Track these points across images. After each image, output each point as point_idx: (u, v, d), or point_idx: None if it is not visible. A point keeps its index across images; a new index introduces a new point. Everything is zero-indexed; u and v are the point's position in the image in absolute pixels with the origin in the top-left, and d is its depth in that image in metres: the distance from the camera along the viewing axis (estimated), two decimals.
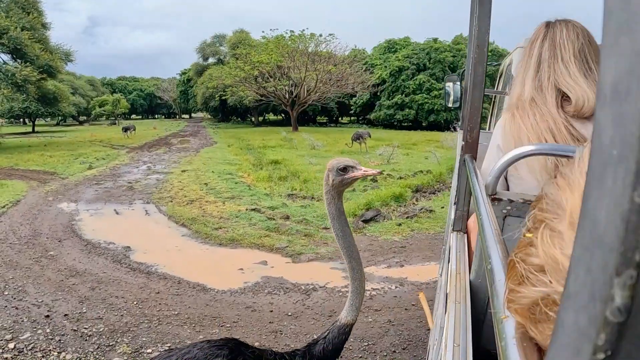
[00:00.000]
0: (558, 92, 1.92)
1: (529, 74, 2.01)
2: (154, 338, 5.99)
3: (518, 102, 2.04)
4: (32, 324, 6.31)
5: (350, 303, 2.95)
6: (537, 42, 2.04)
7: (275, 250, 9.60)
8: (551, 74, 1.93)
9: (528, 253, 0.60)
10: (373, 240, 10.23)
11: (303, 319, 6.59)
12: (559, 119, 1.87)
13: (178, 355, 2.49)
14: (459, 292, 1.55)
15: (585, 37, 1.97)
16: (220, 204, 13.73)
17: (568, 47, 1.93)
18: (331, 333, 2.91)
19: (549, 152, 1.55)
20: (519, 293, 0.59)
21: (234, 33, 76.14)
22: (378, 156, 23.91)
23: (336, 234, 2.92)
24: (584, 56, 1.92)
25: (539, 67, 1.98)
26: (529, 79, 2.01)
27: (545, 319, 0.54)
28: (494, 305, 0.71)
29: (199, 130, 59.22)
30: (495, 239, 0.89)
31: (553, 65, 1.94)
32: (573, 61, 1.91)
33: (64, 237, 10.40)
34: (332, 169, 2.77)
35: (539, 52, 2.01)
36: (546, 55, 1.97)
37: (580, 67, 1.90)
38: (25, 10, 37.51)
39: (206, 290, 7.61)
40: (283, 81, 54.05)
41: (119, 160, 25.17)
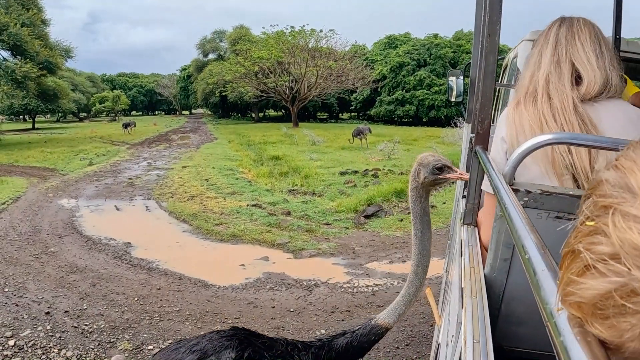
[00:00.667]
0: (573, 68, 1.95)
1: (547, 51, 2.02)
2: (155, 334, 5.95)
3: (529, 88, 2.04)
4: (33, 321, 6.27)
5: (394, 307, 2.79)
6: (554, 28, 2.05)
7: (276, 246, 9.56)
8: (569, 50, 1.96)
9: (593, 242, 0.55)
10: (375, 236, 10.19)
11: (305, 315, 6.54)
12: (570, 95, 1.89)
13: (187, 346, 2.42)
14: (475, 286, 1.51)
15: (597, 28, 2.01)
16: (221, 199, 13.69)
17: (585, 30, 1.97)
18: (363, 329, 2.80)
19: (569, 142, 1.51)
20: (583, 285, 0.54)
21: (234, 29, 75.98)
22: (379, 152, 23.89)
23: (415, 234, 2.75)
24: (597, 40, 1.96)
25: (557, 44, 2.00)
26: (547, 56, 2.01)
27: (620, 312, 0.48)
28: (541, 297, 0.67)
29: (199, 127, 59.22)
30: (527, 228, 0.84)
31: (571, 42, 1.97)
32: (589, 42, 1.94)
33: (64, 234, 10.36)
34: (426, 164, 2.60)
35: (555, 34, 2.02)
36: (563, 35, 2.00)
37: (594, 48, 1.94)
38: (24, 7, 37.42)
39: (207, 286, 7.57)
40: (283, 77, 54.02)
41: (120, 157, 25.15)
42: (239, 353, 2.33)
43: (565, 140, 1.46)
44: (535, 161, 1.86)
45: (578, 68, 1.93)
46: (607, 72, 1.91)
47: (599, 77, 1.88)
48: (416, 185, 2.64)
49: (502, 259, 1.53)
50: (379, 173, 17.67)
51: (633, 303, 0.47)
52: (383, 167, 19.25)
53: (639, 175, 0.52)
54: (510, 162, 1.42)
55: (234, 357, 2.30)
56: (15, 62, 35.93)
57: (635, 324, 0.47)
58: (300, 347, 2.70)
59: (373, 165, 19.69)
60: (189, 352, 2.35)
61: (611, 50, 1.99)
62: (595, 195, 0.59)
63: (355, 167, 19.36)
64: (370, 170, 18.16)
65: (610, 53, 1.97)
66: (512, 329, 1.70)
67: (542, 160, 1.85)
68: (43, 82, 39.01)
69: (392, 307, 2.80)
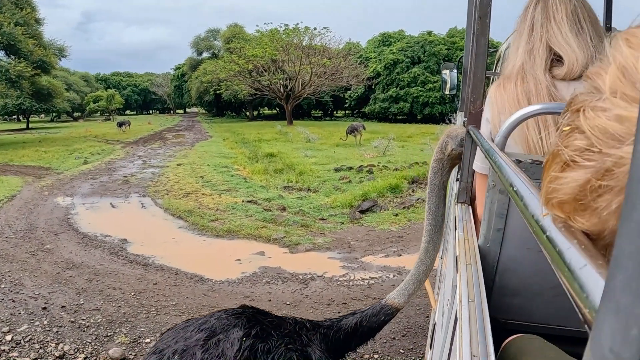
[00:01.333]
0: (549, 52, 1.93)
1: (523, 38, 2.02)
2: (152, 328, 5.97)
3: (510, 72, 2.04)
4: (30, 316, 6.29)
5: (404, 287, 2.80)
6: (530, 7, 2.04)
7: (272, 240, 9.58)
8: (543, 34, 1.94)
9: (569, 140, 0.58)
10: (370, 231, 10.23)
11: (302, 307, 6.57)
12: (544, 82, 1.86)
13: (195, 325, 2.43)
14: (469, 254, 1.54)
15: (578, 2, 1.97)
16: (216, 196, 13.70)
17: (560, 7, 1.94)
18: (372, 309, 2.81)
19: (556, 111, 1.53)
20: (564, 179, 0.57)
21: (228, 27, 75.85)
22: (374, 148, 23.88)
23: (429, 208, 2.77)
24: (576, 16, 1.93)
25: (532, 30, 1.99)
26: (522, 44, 2.01)
27: (598, 194, 0.51)
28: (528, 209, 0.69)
29: (194, 125, 59.12)
30: (520, 176, 0.87)
31: (546, 26, 1.95)
32: (565, 21, 1.92)
33: (60, 231, 10.37)
34: (454, 137, 2.60)
35: (532, 16, 2.01)
36: (538, 17, 1.98)
37: (572, 26, 1.91)
38: (18, 6, 37.27)
39: (204, 280, 7.59)
40: (277, 75, 53.92)
41: (114, 155, 25.10)
42: (246, 331, 2.34)
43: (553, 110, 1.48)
44: (516, 142, 1.88)
45: (556, 50, 1.92)
46: (591, 48, 1.88)
47: (581, 56, 1.86)
48: (441, 157, 2.67)
49: (495, 229, 1.55)
50: (374, 169, 17.69)
51: (607, 180, 0.50)
52: (378, 163, 19.28)
53: (605, 77, 0.55)
54: (500, 132, 1.44)
55: (241, 335, 2.31)
56: (9, 61, 35.78)
57: (610, 199, 0.50)
58: (308, 326, 2.71)
59: (368, 162, 19.71)
60: (198, 331, 2.36)
61: (595, 22, 1.97)
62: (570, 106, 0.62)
63: (350, 163, 19.38)
64: (365, 167, 18.18)
65: (593, 26, 1.95)
66: (506, 300, 1.72)
67: (520, 140, 1.87)
68: (37, 81, 38.85)
69: (402, 286, 2.82)
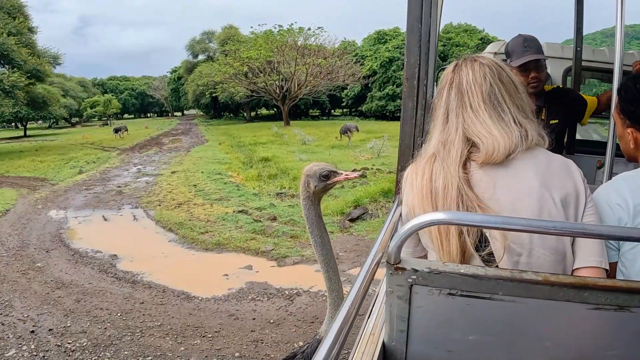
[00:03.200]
0: (466, 143, 1.79)
1: (437, 125, 1.90)
2: (136, 351, 6.03)
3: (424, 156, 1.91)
4: (18, 340, 6.36)
5: (328, 317, 2.91)
6: (445, 90, 1.90)
7: (260, 253, 9.64)
8: (459, 125, 1.81)
9: None
10: (359, 240, 10.29)
11: (285, 326, 6.63)
12: (455, 181, 1.73)
13: None
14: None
15: (494, 75, 1.83)
16: (207, 206, 13.76)
17: (476, 92, 1.80)
18: (311, 347, 2.88)
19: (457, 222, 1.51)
20: None
21: (223, 29, 75.84)
22: (369, 149, 23.91)
23: (314, 241, 2.89)
24: (494, 98, 1.80)
25: (447, 119, 1.86)
26: (437, 133, 1.88)
27: None
28: None
29: (191, 128, 59.12)
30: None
31: (462, 115, 1.82)
32: (483, 107, 1.78)
33: (51, 247, 10.43)
34: (312, 175, 2.77)
35: (446, 102, 1.87)
36: (453, 105, 1.84)
37: (490, 112, 1.78)
38: (11, 15, 37.33)
39: (190, 298, 7.66)
40: (273, 76, 53.93)
41: (110, 164, 25.16)
42: None
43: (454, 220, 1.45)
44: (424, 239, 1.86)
45: (473, 139, 1.77)
46: (515, 131, 1.74)
47: (502, 141, 1.71)
48: (308, 195, 2.82)
49: (399, 330, 1.57)
50: (367, 172, 17.72)
51: None
52: (372, 166, 19.33)
53: None
54: (394, 242, 1.42)
55: None
56: (2, 71, 35.82)
57: None
58: None
59: (362, 165, 19.76)
60: None
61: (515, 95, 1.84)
62: None
63: (344, 166, 19.34)
64: (359, 170, 18.20)
65: (515, 102, 1.82)
66: None
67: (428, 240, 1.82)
68: (32, 90, 38.86)
69: (327, 318, 2.90)
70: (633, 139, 2.03)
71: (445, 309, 1.43)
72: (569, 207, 1.67)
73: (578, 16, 5.10)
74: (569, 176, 1.74)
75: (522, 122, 1.78)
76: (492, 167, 1.74)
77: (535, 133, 1.78)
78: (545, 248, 1.64)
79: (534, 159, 1.74)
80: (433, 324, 1.51)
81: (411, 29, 2.38)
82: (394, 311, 1.51)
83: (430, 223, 1.38)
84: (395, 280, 1.43)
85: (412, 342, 1.57)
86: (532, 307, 1.37)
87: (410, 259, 1.43)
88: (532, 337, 1.45)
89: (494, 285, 1.34)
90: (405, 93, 2.09)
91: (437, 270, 1.38)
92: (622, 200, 1.85)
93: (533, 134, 1.77)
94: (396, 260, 1.40)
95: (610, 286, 1.31)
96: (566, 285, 1.31)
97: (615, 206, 1.86)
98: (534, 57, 3.69)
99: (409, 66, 2.08)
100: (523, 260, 1.65)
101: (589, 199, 1.73)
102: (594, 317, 1.36)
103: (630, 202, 1.83)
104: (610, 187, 1.96)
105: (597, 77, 7.27)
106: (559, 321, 1.42)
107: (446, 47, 60.74)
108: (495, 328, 1.46)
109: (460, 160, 1.76)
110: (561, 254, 1.67)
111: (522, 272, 1.34)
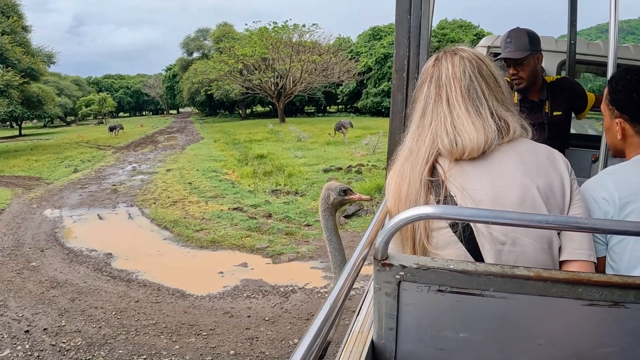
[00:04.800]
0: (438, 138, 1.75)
1: (414, 120, 1.85)
2: (131, 350, 6.01)
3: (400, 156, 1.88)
4: (12, 340, 6.34)
5: None
6: (425, 84, 1.86)
7: (255, 251, 9.64)
8: (433, 120, 1.78)
9: None
10: (355, 237, 10.26)
11: (280, 323, 6.61)
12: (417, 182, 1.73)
13: None
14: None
15: (474, 68, 1.79)
16: (203, 204, 13.74)
17: (454, 86, 1.77)
18: None
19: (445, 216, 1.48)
20: None
21: (217, 26, 75.71)
22: (364, 146, 23.91)
23: (333, 247, 3.10)
24: (473, 92, 1.76)
25: (424, 114, 1.82)
26: (413, 126, 1.85)
27: None
28: None
29: (186, 126, 59.03)
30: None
31: (437, 109, 1.78)
32: (460, 101, 1.75)
33: (46, 247, 10.40)
34: (333, 189, 3.10)
35: (425, 95, 1.84)
36: (431, 99, 1.81)
37: (468, 106, 1.74)
38: (4, 14, 37.20)
39: (185, 296, 7.64)
40: (268, 73, 53.84)
41: (105, 162, 25.10)
42: None
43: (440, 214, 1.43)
44: None
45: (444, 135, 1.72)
46: (491, 125, 1.69)
47: (475, 137, 1.68)
48: (327, 207, 3.10)
49: (388, 329, 1.55)
50: (363, 169, 17.74)
51: None
52: (367, 162, 19.32)
53: None
54: (380, 237, 1.39)
55: None
56: None
57: None
58: None
59: (357, 161, 19.75)
60: None
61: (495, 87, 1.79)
62: None
63: (339, 163, 19.41)
64: (354, 167, 18.23)
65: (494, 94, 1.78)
66: None
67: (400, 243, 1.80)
68: (26, 89, 38.74)
69: None
70: (620, 130, 2.03)
71: (435, 306, 1.41)
72: (553, 197, 1.65)
73: (572, 9, 5.09)
74: (554, 166, 1.71)
75: (502, 115, 1.74)
76: (469, 162, 1.71)
77: (518, 125, 1.75)
78: (530, 237, 1.62)
79: (516, 150, 1.72)
80: (423, 322, 1.49)
81: (400, 20, 2.35)
82: (382, 309, 1.47)
83: (418, 217, 1.35)
84: (382, 277, 1.39)
85: (402, 340, 1.55)
86: (525, 303, 1.35)
87: (398, 255, 1.40)
88: (525, 334, 1.43)
89: (485, 281, 1.31)
90: (394, 86, 2.05)
91: (425, 266, 1.35)
92: (607, 194, 1.86)
93: (515, 126, 1.74)
94: (383, 256, 1.37)
95: (605, 282, 1.28)
96: (559, 280, 1.29)
97: (601, 200, 1.86)
98: (507, 56, 3.69)
99: (398, 58, 2.04)
100: (507, 249, 1.62)
101: (575, 190, 1.71)
102: (588, 314, 1.34)
103: (616, 196, 1.84)
104: (595, 182, 1.97)
105: (591, 70, 7.26)
106: (552, 318, 1.39)
107: (441, 43, 60.68)
108: (486, 325, 1.44)
109: (427, 159, 1.74)
110: (547, 242, 1.64)
111: (513, 268, 1.32)
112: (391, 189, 1.82)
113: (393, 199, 1.81)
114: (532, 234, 1.62)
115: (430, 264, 1.36)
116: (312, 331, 1.16)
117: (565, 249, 1.67)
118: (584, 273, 1.40)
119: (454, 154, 1.70)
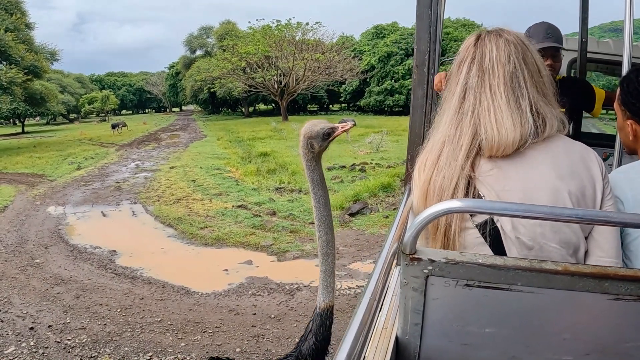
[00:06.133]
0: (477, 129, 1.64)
1: (453, 103, 1.71)
2: (136, 347, 6.00)
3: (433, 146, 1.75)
4: (17, 337, 6.32)
5: (324, 285, 2.82)
6: (465, 64, 1.72)
7: (260, 248, 9.62)
8: (476, 106, 1.65)
9: None
10: (359, 235, 10.25)
11: (286, 321, 6.60)
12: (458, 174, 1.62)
13: None
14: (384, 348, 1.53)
15: (519, 54, 1.67)
16: (207, 201, 13.73)
17: (498, 72, 1.64)
18: (314, 323, 2.85)
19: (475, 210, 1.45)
20: None
21: (220, 24, 75.73)
22: (368, 144, 23.86)
23: (318, 201, 2.80)
24: (515, 81, 1.64)
25: (464, 98, 1.68)
26: (451, 111, 1.71)
27: None
28: None
29: (189, 124, 59.07)
30: None
31: (479, 95, 1.65)
32: (502, 90, 1.63)
33: (50, 243, 10.38)
34: (315, 136, 2.67)
35: (465, 77, 1.70)
36: (473, 82, 1.67)
37: (509, 96, 1.62)
38: (8, 11, 37.15)
39: (190, 294, 7.62)
40: (271, 71, 53.85)
41: (108, 159, 25.11)
42: None
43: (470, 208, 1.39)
44: None
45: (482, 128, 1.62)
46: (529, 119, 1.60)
47: (512, 135, 1.58)
48: (312, 156, 2.72)
49: (413, 324, 1.52)
50: (366, 167, 17.71)
51: None
52: (371, 160, 19.29)
53: None
54: (409, 231, 1.36)
55: None
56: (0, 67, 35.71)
57: None
58: None
59: (361, 159, 19.71)
60: None
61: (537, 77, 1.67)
62: None
63: (343, 161, 19.38)
64: (358, 165, 18.20)
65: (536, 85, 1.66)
66: None
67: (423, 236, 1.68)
68: (29, 86, 38.73)
69: (322, 287, 2.81)
70: (632, 131, 2.04)
71: (462, 300, 1.38)
72: (584, 202, 1.59)
73: (583, 7, 5.05)
74: (587, 167, 1.63)
75: (541, 109, 1.64)
76: (501, 159, 1.62)
77: (556, 120, 1.65)
78: (557, 242, 1.57)
79: (550, 149, 1.63)
80: (449, 317, 1.46)
81: (421, 16, 2.33)
82: (408, 304, 1.45)
83: (448, 211, 1.32)
84: (410, 272, 1.36)
85: (427, 336, 1.52)
86: (551, 298, 1.33)
87: (427, 249, 1.37)
88: (550, 328, 1.41)
89: (513, 275, 1.29)
90: (415, 81, 2.01)
91: (454, 261, 1.33)
92: (621, 192, 1.84)
93: (553, 122, 1.64)
94: (412, 250, 1.34)
95: (631, 276, 1.27)
96: (586, 275, 1.27)
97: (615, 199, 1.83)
98: (554, 45, 3.65)
99: (419, 53, 2.00)
100: (533, 254, 1.57)
101: (607, 196, 1.65)
102: (613, 308, 1.32)
103: (629, 195, 1.82)
104: None
105: (601, 69, 7.23)
106: (578, 312, 1.38)
107: (444, 42, 60.64)
108: (512, 320, 1.42)
109: (469, 152, 1.64)
110: (573, 248, 1.59)
111: (541, 262, 1.30)
112: (422, 179, 1.71)
113: (422, 191, 1.71)
114: (559, 239, 1.57)
115: (459, 258, 1.33)
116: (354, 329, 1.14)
117: (592, 255, 1.63)
118: (611, 267, 1.38)
119: (491, 149, 1.61)
